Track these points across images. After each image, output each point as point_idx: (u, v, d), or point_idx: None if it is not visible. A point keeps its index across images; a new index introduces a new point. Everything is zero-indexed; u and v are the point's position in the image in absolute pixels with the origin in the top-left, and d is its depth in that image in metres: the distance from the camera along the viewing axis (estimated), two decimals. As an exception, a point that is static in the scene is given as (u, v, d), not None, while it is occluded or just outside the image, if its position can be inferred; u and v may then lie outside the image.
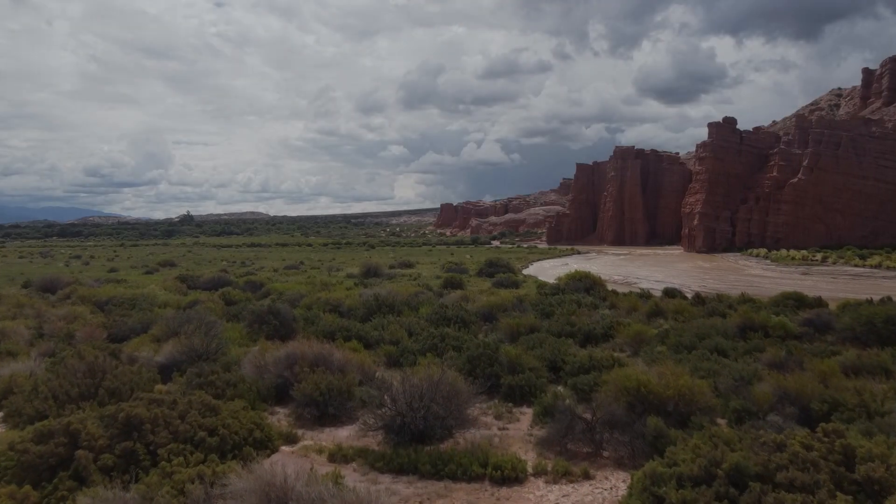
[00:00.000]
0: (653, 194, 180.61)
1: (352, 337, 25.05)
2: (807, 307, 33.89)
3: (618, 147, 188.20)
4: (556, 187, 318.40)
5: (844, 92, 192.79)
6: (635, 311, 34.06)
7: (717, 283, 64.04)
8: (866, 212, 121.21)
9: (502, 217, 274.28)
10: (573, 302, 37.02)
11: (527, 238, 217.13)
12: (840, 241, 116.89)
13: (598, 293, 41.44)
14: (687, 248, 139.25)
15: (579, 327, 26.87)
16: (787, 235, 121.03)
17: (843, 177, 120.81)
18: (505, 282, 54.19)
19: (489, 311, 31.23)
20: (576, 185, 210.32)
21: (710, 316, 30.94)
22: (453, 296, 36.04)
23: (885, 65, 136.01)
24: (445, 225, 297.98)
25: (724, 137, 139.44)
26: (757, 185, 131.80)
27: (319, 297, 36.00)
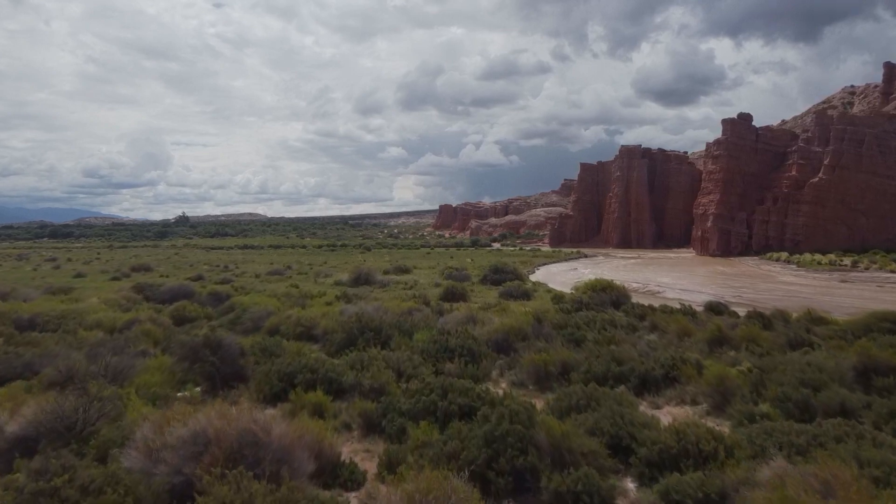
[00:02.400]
0: (660, 195, 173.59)
1: (317, 382, 18.09)
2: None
3: (623, 146, 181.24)
4: (557, 188, 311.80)
5: (857, 89, 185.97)
6: (688, 337, 26.99)
7: (753, 292, 56.98)
8: (892, 213, 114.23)
9: (502, 218, 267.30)
10: (606, 322, 29.95)
11: (528, 240, 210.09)
12: (864, 245, 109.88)
13: (632, 309, 34.42)
14: (700, 251, 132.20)
15: (631, 366, 19.76)
16: (808, 238, 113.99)
17: (867, 176, 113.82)
18: (514, 292, 47.09)
19: (504, 337, 24.10)
20: (579, 185, 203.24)
21: (794, 347, 23.83)
22: (456, 315, 28.92)
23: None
24: (444, 226, 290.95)
25: (739, 135, 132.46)
26: (774, 185, 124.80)
27: (290, 316, 28.88)
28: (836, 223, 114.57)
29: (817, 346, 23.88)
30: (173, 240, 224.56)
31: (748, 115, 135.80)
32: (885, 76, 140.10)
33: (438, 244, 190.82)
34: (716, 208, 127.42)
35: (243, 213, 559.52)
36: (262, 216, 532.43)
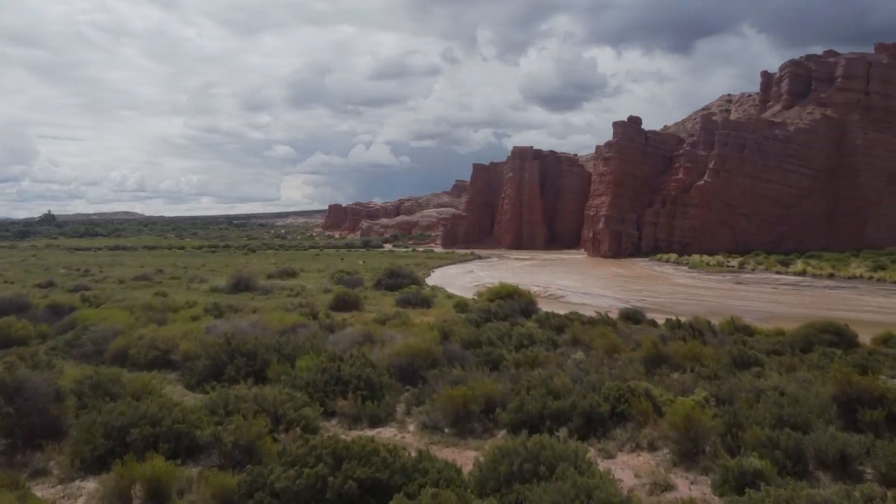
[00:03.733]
0: (552, 197, 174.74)
1: (159, 439, 13.31)
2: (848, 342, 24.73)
3: (516, 147, 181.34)
4: (449, 189, 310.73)
5: (734, 98, 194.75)
6: (617, 354, 23.69)
7: (655, 295, 55.47)
8: (772, 216, 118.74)
9: (394, 219, 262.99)
10: (523, 337, 26.22)
11: (421, 241, 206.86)
12: (747, 246, 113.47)
13: (547, 320, 31.03)
14: (591, 252, 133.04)
15: (572, 401, 15.93)
16: (695, 240, 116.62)
17: (748, 180, 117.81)
18: (412, 298, 42.91)
19: (409, 362, 19.77)
20: (472, 186, 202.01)
21: (742, 366, 20.85)
22: (350, 332, 24.31)
23: (785, 68, 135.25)
24: (334, 227, 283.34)
25: (629, 137, 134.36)
26: (663, 187, 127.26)
27: (142, 337, 23.31)
28: (721, 225, 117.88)
29: (767, 365, 21.04)
30: (35, 240, 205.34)
31: (637, 119, 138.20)
32: (763, 84, 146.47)
33: (328, 245, 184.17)
34: (607, 210, 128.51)
35: (118, 212, 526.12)
36: (140, 215, 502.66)
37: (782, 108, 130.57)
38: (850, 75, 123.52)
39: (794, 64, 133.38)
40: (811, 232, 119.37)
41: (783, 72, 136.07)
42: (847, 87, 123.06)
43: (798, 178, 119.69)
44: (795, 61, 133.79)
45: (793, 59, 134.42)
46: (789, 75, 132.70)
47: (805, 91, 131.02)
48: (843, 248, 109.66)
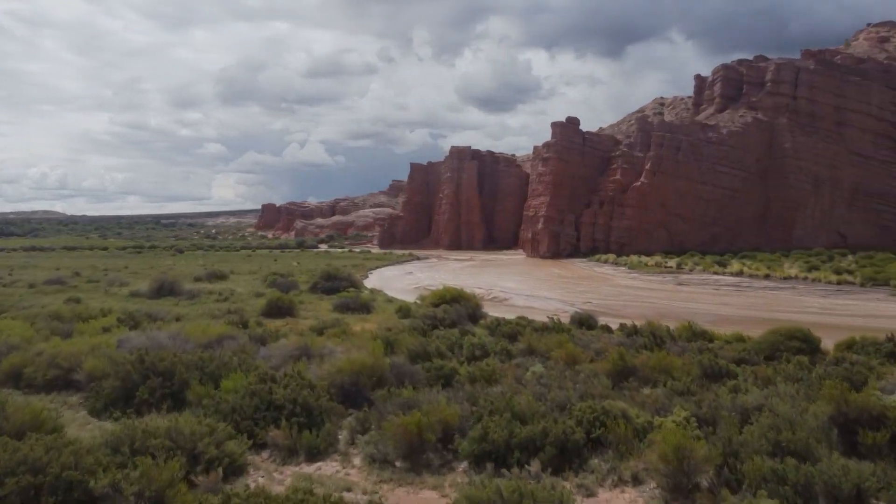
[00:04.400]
0: (490, 197, 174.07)
1: (41, 494, 10.77)
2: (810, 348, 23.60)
3: (454, 147, 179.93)
4: (386, 189, 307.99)
5: (667, 101, 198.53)
6: (577, 365, 21.91)
7: (600, 297, 54.42)
8: (705, 217, 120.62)
9: (329, 219, 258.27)
10: (475, 347, 24.19)
11: (357, 241, 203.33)
12: (682, 247, 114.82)
13: (497, 327, 29.10)
14: (530, 252, 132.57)
15: (542, 427, 13.93)
16: (632, 240, 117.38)
17: (684, 181, 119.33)
18: (351, 303, 40.41)
19: (353, 380, 17.46)
20: (409, 186, 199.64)
21: (714, 378, 19.31)
22: (284, 345, 21.73)
23: (717, 72, 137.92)
24: (268, 227, 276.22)
25: (568, 138, 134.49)
26: (601, 188, 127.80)
27: (41, 353, 20.21)
28: (657, 226, 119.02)
29: (740, 376, 19.56)
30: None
31: (576, 119, 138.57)
32: (696, 88, 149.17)
33: (261, 246, 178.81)
34: (546, 211, 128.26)
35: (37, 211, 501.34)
36: (61, 214, 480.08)
37: (715, 111, 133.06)
38: (778, 80, 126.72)
39: (725, 68, 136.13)
40: (743, 232, 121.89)
41: (715, 75, 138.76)
42: (776, 91, 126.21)
43: (731, 179, 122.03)
44: (727, 65, 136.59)
45: (725, 64, 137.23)
46: (721, 79, 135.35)
47: (736, 95, 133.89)
48: (774, 248, 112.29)
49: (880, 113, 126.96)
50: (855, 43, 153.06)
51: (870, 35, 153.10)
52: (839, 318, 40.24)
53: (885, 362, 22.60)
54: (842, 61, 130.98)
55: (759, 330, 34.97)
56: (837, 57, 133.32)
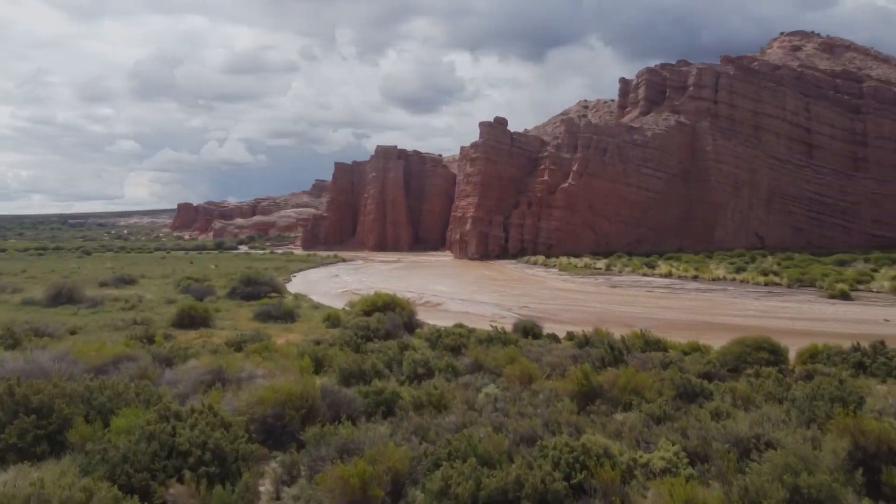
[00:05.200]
0: (416, 197, 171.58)
1: None
2: (778, 359, 22.03)
3: (380, 146, 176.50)
4: (309, 189, 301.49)
5: (591, 104, 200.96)
6: (533, 383, 19.56)
7: (536, 301, 52.63)
8: (631, 219, 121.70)
9: (250, 219, 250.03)
10: (417, 364, 21.49)
11: (279, 242, 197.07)
12: (608, 248, 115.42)
13: (438, 338, 26.45)
14: (458, 254, 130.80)
15: (515, 476, 11.31)
16: (560, 242, 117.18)
17: (610, 183, 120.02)
18: (273, 311, 36.98)
19: (277, 413, 14.48)
20: (334, 185, 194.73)
21: (689, 398, 17.27)
22: (194, 367, 18.41)
23: (641, 75, 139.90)
24: (184, 227, 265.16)
25: (496, 138, 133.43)
26: (529, 189, 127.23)
27: None
28: (584, 227, 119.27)
29: (716, 395, 17.59)
30: None
31: (504, 120, 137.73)
32: (621, 90, 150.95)
33: (177, 247, 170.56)
34: (474, 211, 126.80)
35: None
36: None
37: (639, 114, 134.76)
38: (700, 84, 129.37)
39: (649, 71, 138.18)
40: (667, 234, 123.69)
41: (640, 79, 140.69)
42: (698, 95, 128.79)
43: (655, 181, 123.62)
44: (651, 69, 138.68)
45: (648, 67, 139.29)
46: (646, 82, 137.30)
47: (660, 98, 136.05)
48: (696, 249, 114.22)
49: (794, 118, 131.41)
50: (769, 51, 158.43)
51: (783, 44, 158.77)
52: (781, 321, 39.56)
53: (855, 374, 21.31)
54: (758, 67, 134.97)
55: (708, 336, 33.72)
56: (754, 63, 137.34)
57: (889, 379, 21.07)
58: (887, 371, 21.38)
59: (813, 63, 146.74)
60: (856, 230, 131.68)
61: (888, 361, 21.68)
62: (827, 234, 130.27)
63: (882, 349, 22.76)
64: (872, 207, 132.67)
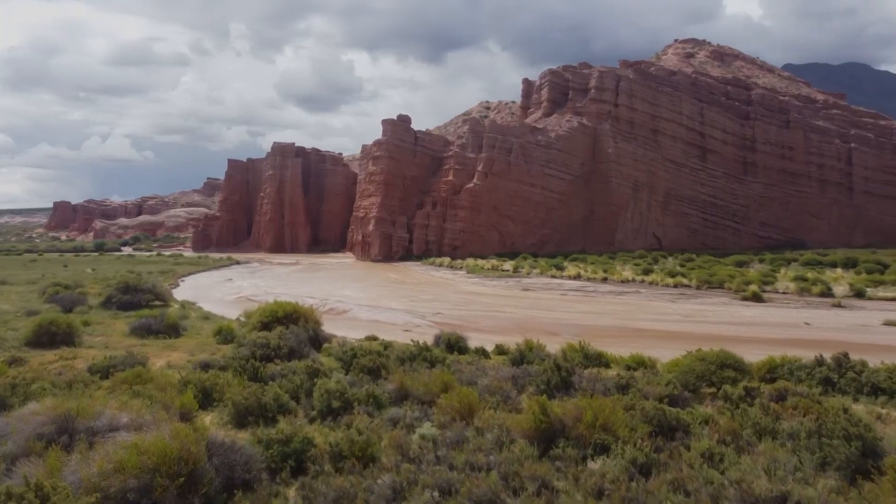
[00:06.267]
0: (315, 197, 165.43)
1: None
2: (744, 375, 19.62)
3: (276, 143, 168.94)
4: (200, 187, 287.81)
5: (492, 105, 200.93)
6: (474, 415, 16.24)
7: (449, 306, 49.39)
8: (535, 220, 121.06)
9: (135, 219, 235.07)
10: (332, 395, 17.62)
11: (167, 244, 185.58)
12: (513, 249, 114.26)
13: (353, 358, 22.52)
14: (360, 255, 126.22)
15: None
16: (465, 243, 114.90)
17: (515, 184, 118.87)
18: (154, 324, 31.89)
19: (145, 486, 10.38)
20: (227, 184, 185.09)
21: (665, 434, 14.36)
22: (35, 411, 13.82)
23: (544, 77, 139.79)
24: (61, 227, 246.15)
25: (399, 136, 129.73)
26: (433, 189, 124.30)
27: None
28: (489, 229, 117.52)
29: (693, 429, 14.75)
30: None
31: (407, 117, 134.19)
32: (524, 91, 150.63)
33: (51, 248, 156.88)
34: (377, 212, 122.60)
35: None
36: None
37: (542, 115, 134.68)
38: (602, 87, 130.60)
39: (552, 73, 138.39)
40: (570, 235, 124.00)
41: (543, 80, 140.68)
42: (599, 98, 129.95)
43: (558, 183, 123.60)
44: (554, 70, 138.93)
45: (551, 69, 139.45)
46: (549, 84, 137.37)
47: (563, 100, 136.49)
48: (599, 250, 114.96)
49: (690, 123, 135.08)
50: (665, 57, 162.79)
51: (677, 50, 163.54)
52: (708, 326, 38.10)
53: (824, 391, 19.25)
54: (656, 72, 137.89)
55: (639, 342, 31.52)
56: (652, 69, 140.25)
57: (861, 397, 19.18)
58: (857, 388, 19.48)
59: (705, 70, 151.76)
60: (745, 232, 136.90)
61: (857, 377, 19.80)
62: (720, 235, 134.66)
63: (847, 362, 20.92)
64: (760, 210, 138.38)
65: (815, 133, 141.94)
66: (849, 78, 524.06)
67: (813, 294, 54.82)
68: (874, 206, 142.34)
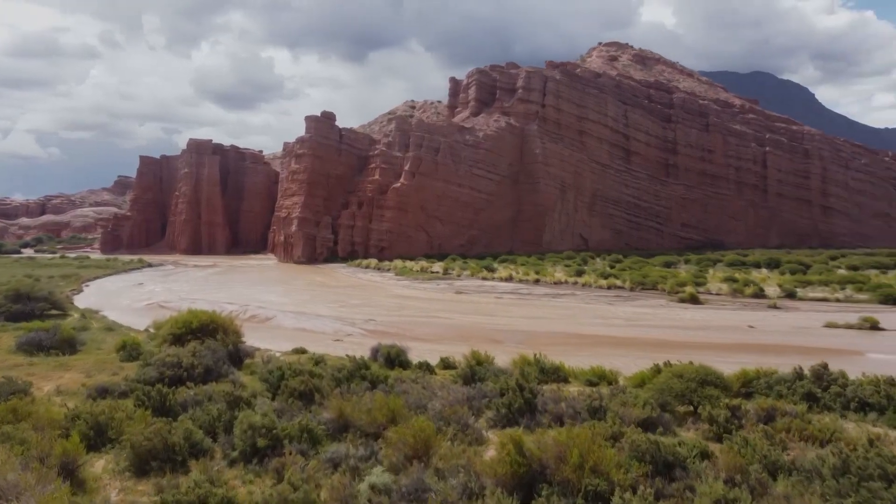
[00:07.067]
0: (235, 196, 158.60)
1: None
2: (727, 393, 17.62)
3: (192, 139, 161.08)
4: (110, 186, 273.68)
5: (417, 104, 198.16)
6: (429, 452, 13.63)
7: (381, 312, 46.42)
8: (463, 220, 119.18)
9: (38, 219, 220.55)
10: (255, 430, 14.59)
11: (74, 245, 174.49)
12: (441, 250, 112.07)
13: (278, 379, 19.33)
14: (283, 257, 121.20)
15: None
16: (393, 244, 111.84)
17: (442, 184, 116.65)
18: (46, 340, 27.76)
19: None
20: (139, 182, 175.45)
21: (663, 473, 12.09)
22: None
23: (472, 76, 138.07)
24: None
25: (323, 134, 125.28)
26: (359, 189, 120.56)
27: None
28: (417, 229, 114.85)
29: (690, 465, 12.53)
30: None
31: (332, 114, 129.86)
32: (451, 90, 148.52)
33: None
34: (300, 212, 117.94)
35: None
36: None
37: (470, 115, 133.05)
38: (529, 87, 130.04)
39: (480, 72, 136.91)
40: (498, 235, 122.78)
41: (470, 79, 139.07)
42: (527, 98, 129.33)
43: (486, 183, 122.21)
44: (481, 70, 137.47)
45: (479, 68, 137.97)
46: (476, 83, 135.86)
47: (490, 99, 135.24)
48: (527, 251, 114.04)
49: (615, 125, 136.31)
50: (589, 59, 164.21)
51: (601, 53, 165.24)
52: (654, 330, 36.69)
53: (809, 408, 17.55)
54: (582, 74, 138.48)
55: (588, 350, 29.58)
56: (578, 70, 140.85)
57: (848, 413, 17.57)
58: (843, 403, 17.89)
59: (628, 73, 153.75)
60: (667, 232, 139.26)
61: (842, 391, 18.23)
62: (643, 236, 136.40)
63: (827, 374, 19.37)
64: (681, 211, 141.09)
65: (733, 137, 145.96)
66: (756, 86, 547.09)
67: (746, 295, 54.73)
68: (787, 207, 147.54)
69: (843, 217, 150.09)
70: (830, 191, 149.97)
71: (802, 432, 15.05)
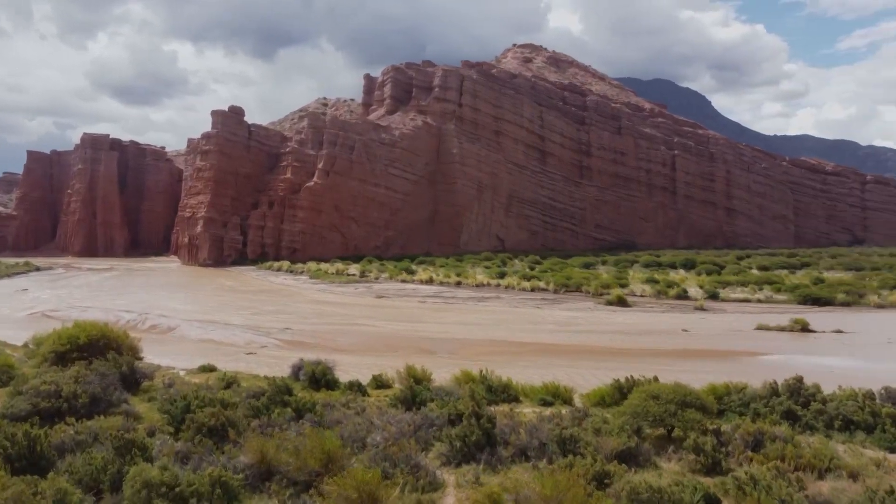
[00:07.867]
0: (134, 195, 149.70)
1: None
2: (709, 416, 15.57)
3: (87, 134, 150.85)
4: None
5: (330, 102, 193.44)
6: None
7: (298, 320, 42.99)
8: (379, 221, 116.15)
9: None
10: (150, 488, 11.40)
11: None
12: (357, 252, 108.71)
13: (187, 409, 16.03)
14: (187, 259, 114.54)
15: None
16: (306, 245, 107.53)
17: (358, 183, 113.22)
18: None
19: None
20: (27, 179, 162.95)
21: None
22: None
23: (387, 73, 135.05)
24: None
25: (231, 130, 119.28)
26: (270, 187, 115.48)
27: None
28: (331, 230, 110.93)
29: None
30: None
31: (240, 109, 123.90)
32: (366, 88, 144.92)
33: None
34: (206, 211, 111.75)
35: None
36: None
37: (386, 113, 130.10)
38: (445, 86, 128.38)
39: (395, 70, 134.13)
40: (415, 236, 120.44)
41: (386, 76, 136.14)
42: (443, 97, 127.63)
43: (403, 182, 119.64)
44: (397, 67, 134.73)
45: (395, 66, 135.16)
46: (392, 80, 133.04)
47: (406, 98, 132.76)
48: (445, 252, 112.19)
49: (531, 126, 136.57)
50: (504, 60, 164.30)
51: (516, 54, 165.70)
52: (590, 336, 35.08)
53: (792, 427, 15.92)
54: (498, 74, 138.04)
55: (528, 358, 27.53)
56: (494, 70, 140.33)
57: (833, 433, 16.03)
58: (827, 422, 16.34)
59: (543, 75, 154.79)
60: (582, 234, 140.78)
61: (823, 408, 16.72)
62: (559, 237, 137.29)
63: (804, 389, 17.88)
64: (595, 213, 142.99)
65: (644, 140, 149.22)
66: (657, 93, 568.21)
67: (670, 297, 54.45)
68: (694, 209, 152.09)
69: (745, 219, 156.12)
70: (734, 193, 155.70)
71: (798, 460, 13.33)
